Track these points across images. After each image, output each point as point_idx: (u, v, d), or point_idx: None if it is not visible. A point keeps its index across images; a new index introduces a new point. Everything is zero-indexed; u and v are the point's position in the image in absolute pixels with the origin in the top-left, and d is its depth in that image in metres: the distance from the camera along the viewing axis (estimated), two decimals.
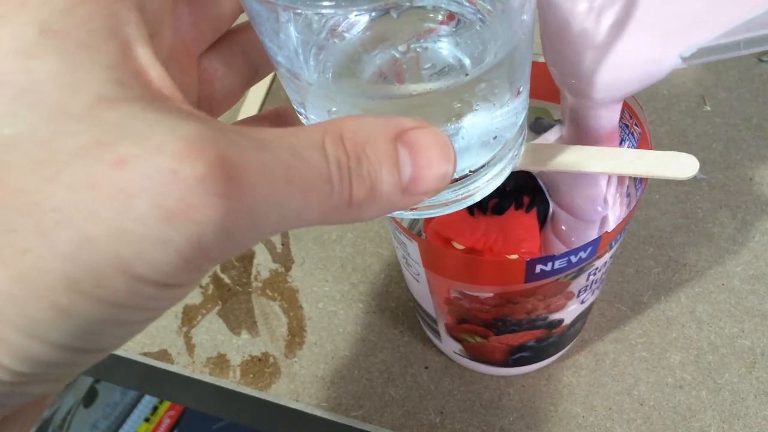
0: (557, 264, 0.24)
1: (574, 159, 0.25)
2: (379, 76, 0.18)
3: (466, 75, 0.17)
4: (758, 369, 0.35)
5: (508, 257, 0.30)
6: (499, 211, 0.31)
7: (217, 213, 0.11)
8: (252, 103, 0.52)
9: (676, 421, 0.34)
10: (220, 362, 0.39)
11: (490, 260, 0.27)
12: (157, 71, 0.13)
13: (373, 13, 0.17)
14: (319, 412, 0.36)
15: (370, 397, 0.36)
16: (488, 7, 0.18)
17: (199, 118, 0.12)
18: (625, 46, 0.22)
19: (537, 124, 0.32)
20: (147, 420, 0.57)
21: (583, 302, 0.30)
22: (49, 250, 0.11)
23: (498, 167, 0.20)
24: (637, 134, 0.28)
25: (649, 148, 0.27)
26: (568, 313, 0.30)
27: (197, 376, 0.39)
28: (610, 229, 0.25)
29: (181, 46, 0.17)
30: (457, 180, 0.19)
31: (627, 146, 0.29)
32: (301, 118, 0.19)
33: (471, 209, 0.32)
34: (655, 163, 0.24)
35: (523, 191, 0.31)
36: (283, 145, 0.13)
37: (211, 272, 0.43)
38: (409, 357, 0.38)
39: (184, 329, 0.41)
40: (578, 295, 0.29)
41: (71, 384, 0.58)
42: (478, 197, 0.20)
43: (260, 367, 0.38)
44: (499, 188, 0.20)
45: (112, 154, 0.11)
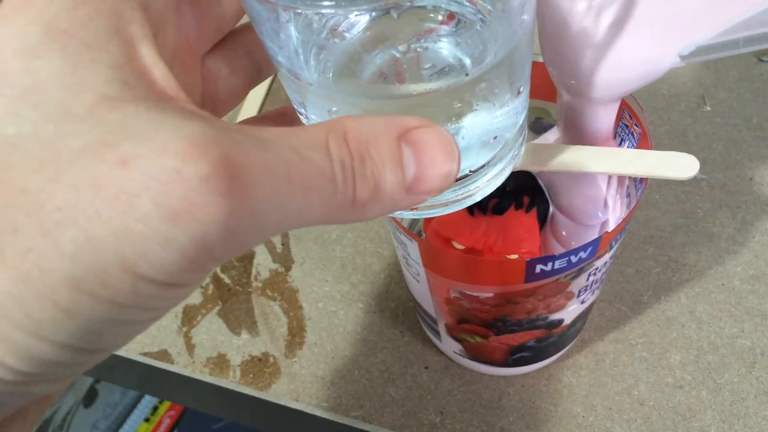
0: (557, 264, 0.24)
1: (574, 159, 0.25)
2: (379, 76, 0.18)
3: (467, 75, 0.17)
4: (758, 369, 0.35)
5: (508, 257, 0.30)
6: (499, 211, 0.31)
7: (220, 213, 0.11)
8: (252, 103, 0.52)
9: (676, 421, 0.34)
10: (220, 362, 0.39)
11: (490, 260, 0.27)
12: (160, 71, 0.13)
13: (374, 13, 0.17)
14: (319, 412, 0.36)
15: (370, 397, 0.36)
16: (488, 7, 0.18)
17: (203, 117, 0.12)
18: (623, 45, 0.22)
19: (537, 124, 0.32)
20: (147, 420, 0.57)
21: (583, 302, 0.30)
22: (52, 250, 0.11)
23: (498, 167, 0.20)
24: (637, 134, 0.28)
25: (649, 148, 0.27)
26: (568, 313, 0.30)
27: (197, 376, 0.39)
28: (610, 229, 0.25)
29: (185, 46, 0.17)
30: (457, 180, 0.19)
31: (627, 146, 0.29)
32: (301, 118, 0.19)
33: (471, 209, 0.32)
34: (655, 163, 0.24)
35: (523, 191, 0.31)
36: (286, 145, 0.13)
37: (211, 272, 0.43)
38: (409, 357, 0.38)
39: (184, 329, 0.41)
40: (578, 295, 0.29)
41: (71, 384, 0.58)
42: (478, 197, 0.20)
43: (260, 367, 0.38)
44: (499, 188, 0.20)
45: (115, 153, 0.11)
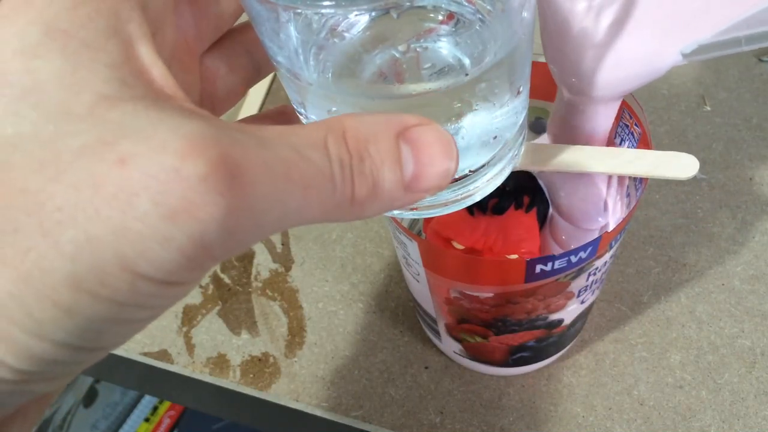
0: (557, 264, 0.24)
1: (574, 159, 0.25)
2: (379, 76, 0.18)
3: (466, 75, 0.17)
4: (758, 369, 0.35)
5: (508, 257, 0.30)
6: (499, 211, 0.31)
7: (219, 211, 0.11)
8: (252, 103, 0.52)
9: (676, 421, 0.34)
10: (220, 362, 0.39)
11: (490, 260, 0.27)
12: (159, 70, 0.13)
13: (373, 13, 0.17)
14: (319, 412, 0.36)
15: (370, 397, 0.36)
16: (488, 7, 0.18)
17: (202, 116, 0.12)
18: (624, 45, 0.22)
19: (537, 124, 0.32)
20: (147, 420, 0.57)
21: (583, 302, 0.30)
22: (52, 250, 0.11)
23: (498, 167, 0.20)
24: (637, 134, 0.28)
25: (649, 148, 0.27)
26: (568, 313, 0.30)
27: (197, 376, 0.39)
28: (610, 229, 0.25)
29: (184, 45, 0.17)
30: (457, 180, 0.19)
31: (627, 146, 0.29)
32: (301, 117, 0.19)
33: (471, 209, 0.32)
34: (655, 163, 0.24)
35: (523, 191, 0.31)
36: (284, 143, 0.13)
37: (211, 272, 0.43)
38: (409, 357, 0.38)
39: (184, 329, 0.41)
40: (578, 295, 0.29)
41: (71, 384, 0.58)
42: (478, 197, 0.20)
43: (260, 367, 0.38)
44: (499, 188, 0.20)
45: (114, 152, 0.11)
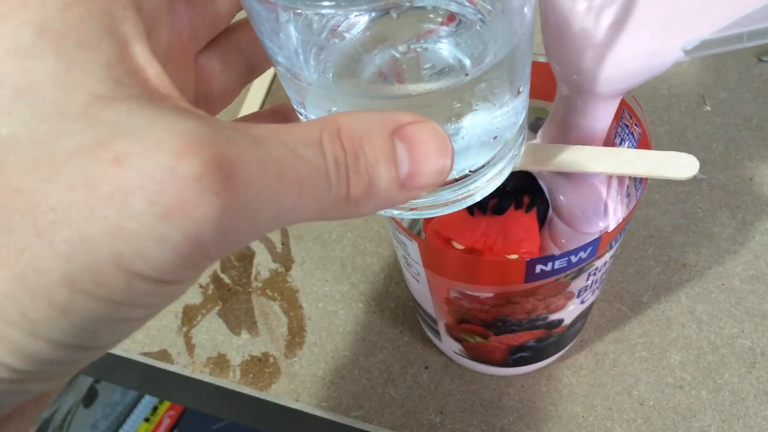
0: (557, 264, 0.24)
1: (574, 159, 0.25)
2: (379, 76, 0.18)
3: (466, 75, 0.17)
4: (758, 369, 0.35)
5: (508, 257, 0.30)
6: (499, 211, 0.31)
7: (214, 210, 0.11)
8: (252, 102, 0.52)
9: (676, 421, 0.34)
10: (220, 362, 0.39)
11: (490, 260, 0.27)
12: (154, 69, 0.13)
13: (373, 14, 0.17)
14: (319, 412, 0.36)
15: (370, 397, 0.36)
16: (488, 7, 0.18)
17: (197, 115, 0.12)
18: (625, 43, 0.22)
19: (537, 124, 0.32)
20: (147, 420, 0.57)
21: (583, 302, 0.30)
22: (46, 250, 0.11)
23: (498, 167, 0.20)
24: (637, 134, 0.28)
25: (649, 148, 0.27)
26: (568, 313, 0.30)
27: (197, 376, 0.39)
28: (610, 229, 0.25)
29: (179, 44, 0.17)
30: (457, 180, 0.19)
31: (627, 146, 0.29)
32: (300, 117, 0.19)
33: (471, 209, 0.32)
34: (655, 163, 0.24)
35: (523, 191, 0.31)
36: (279, 142, 0.13)
37: (211, 272, 0.43)
38: (409, 357, 0.38)
39: (184, 329, 0.41)
40: (578, 295, 0.29)
41: (71, 384, 0.58)
42: (478, 197, 0.20)
43: (260, 367, 0.38)
44: (499, 188, 0.20)
45: (109, 152, 0.11)
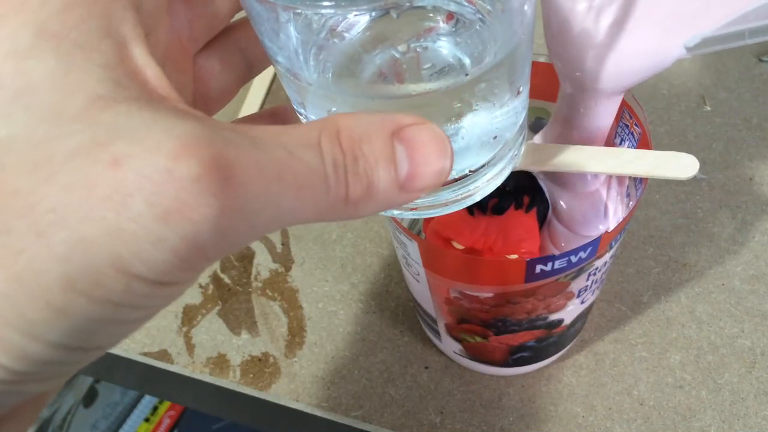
0: (557, 264, 0.24)
1: (574, 159, 0.25)
2: (379, 76, 0.18)
3: (466, 75, 0.17)
4: (758, 369, 0.35)
5: (508, 257, 0.30)
6: (499, 211, 0.31)
7: (212, 212, 0.11)
8: (252, 102, 0.52)
9: (676, 421, 0.34)
10: (220, 362, 0.39)
11: (490, 260, 0.27)
12: (153, 71, 0.13)
13: (373, 13, 0.17)
14: (319, 412, 0.36)
15: (370, 397, 0.36)
16: (488, 7, 0.18)
17: (196, 117, 0.12)
18: (627, 42, 0.22)
19: (537, 124, 0.32)
20: (147, 420, 0.57)
21: (583, 302, 0.30)
22: (44, 251, 0.11)
23: (498, 167, 0.20)
24: (637, 134, 0.28)
25: (649, 148, 0.27)
26: (568, 313, 0.30)
27: (197, 376, 0.39)
28: (610, 229, 0.25)
29: (177, 45, 0.17)
30: (457, 180, 0.19)
31: (627, 146, 0.29)
32: (300, 118, 0.19)
33: (471, 209, 0.32)
34: (655, 163, 0.24)
35: (523, 191, 0.31)
36: (278, 143, 0.13)
37: (211, 272, 0.43)
38: (409, 357, 0.38)
39: (184, 329, 0.41)
40: (578, 295, 0.29)
41: (71, 384, 0.58)
42: (478, 197, 0.20)
43: (260, 367, 0.38)
44: (499, 188, 0.20)
45: (107, 153, 0.11)
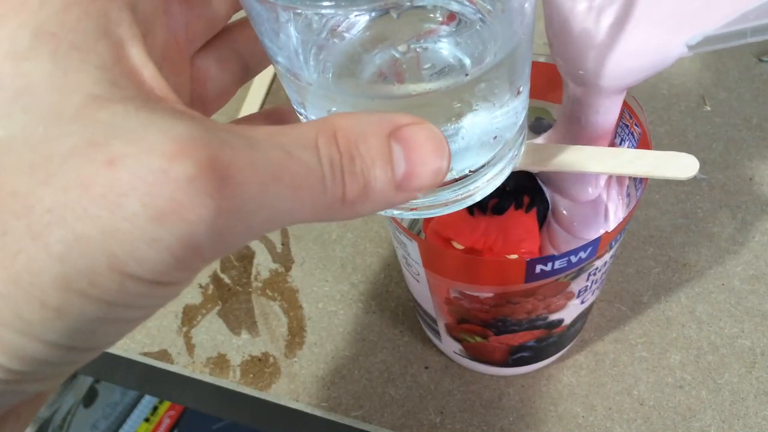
0: (557, 264, 0.24)
1: (574, 159, 0.25)
2: (379, 76, 0.18)
3: (466, 75, 0.17)
4: (758, 369, 0.35)
5: (508, 257, 0.30)
6: (499, 211, 0.31)
7: (208, 212, 0.11)
8: (252, 102, 0.52)
9: (676, 421, 0.34)
10: (220, 362, 0.39)
11: (490, 260, 0.27)
12: (150, 71, 0.13)
13: (373, 13, 0.17)
14: (319, 412, 0.36)
15: (370, 397, 0.36)
16: (488, 7, 0.18)
17: (192, 117, 0.12)
18: (627, 42, 0.22)
19: (537, 124, 0.32)
20: (147, 420, 0.57)
21: (583, 302, 0.30)
22: (42, 252, 0.11)
23: (498, 167, 0.20)
24: (637, 134, 0.28)
25: (649, 148, 0.27)
26: (568, 313, 0.30)
27: (197, 376, 0.39)
28: (610, 229, 0.25)
29: (174, 46, 0.17)
30: (457, 180, 0.19)
31: (627, 146, 0.29)
32: (300, 118, 0.19)
33: (471, 209, 0.32)
34: (655, 163, 0.24)
35: (523, 191, 0.31)
36: (274, 144, 0.13)
37: (211, 272, 0.43)
38: (409, 357, 0.38)
39: (184, 329, 0.41)
40: (578, 295, 0.29)
41: (71, 384, 0.58)
42: (478, 197, 0.20)
43: (260, 367, 0.38)
44: (499, 188, 0.20)
45: (104, 153, 0.11)
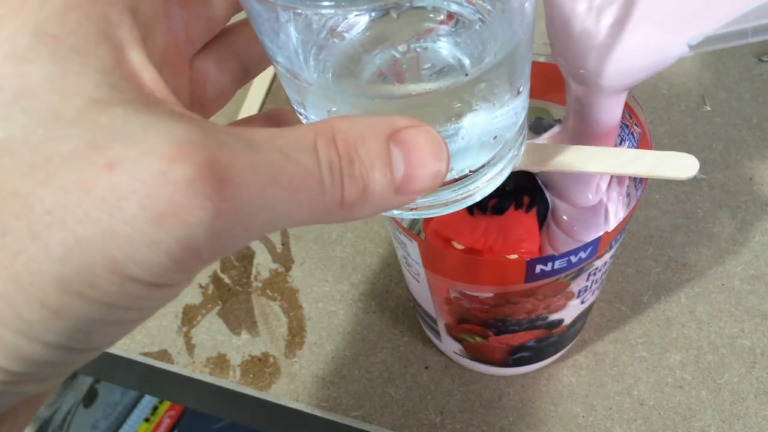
0: (557, 264, 0.24)
1: (574, 159, 0.25)
2: (378, 76, 0.18)
3: (466, 75, 0.17)
4: (758, 369, 0.35)
5: (508, 257, 0.30)
6: (499, 211, 0.31)
7: (207, 215, 0.11)
8: (252, 103, 0.52)
9: (676, 421, 0.34)
10: (220, 362, 0.39)
11: (490, 260, 0.27)
12: (149, 74, 0.13)
13: (373, 14, 0.17)
14: (319, 412, 0.36)
15: (370, 397, 0.36)
16: (488, 7, 0.18)
17: (192, 120, 0.12)
18: (627, 42, 0.22)
19: (537, 124, 0.32)
20: (147, 420, 0.57)
21: (583, 302, 0.30)
22: (41, 253, 0.11)
23: (498, 167, 0.20)
24: (637, 134, 0.28)
25: (649, 148, 0.27)
26: (568, 313, 0.30)
27: (197, 376, 0.39)
28: (610, 229, 0.25)
29: (174, 48, 0.17)
30: (457, 180, 0.19)
31: (627, 146, 0.29)
32: (300, 118, 0.19)
33: (471, 209, 0.32)
34: (655, 163, 0.24)
35: (523, 191, 0.31)
36: (273, 146, 0.13)
37: (211, 272, 0.43)
38: (409, 357, 0.38)
39: (184, 329, 0.41)
40: (578, 295, 0.29)
41: (71, 384, 0.58)
42: (478, 197, 0.20)
43: (260, 367, 0.38)
44: (499, 188, 0.20)
45: (103, 156, 0.11)
